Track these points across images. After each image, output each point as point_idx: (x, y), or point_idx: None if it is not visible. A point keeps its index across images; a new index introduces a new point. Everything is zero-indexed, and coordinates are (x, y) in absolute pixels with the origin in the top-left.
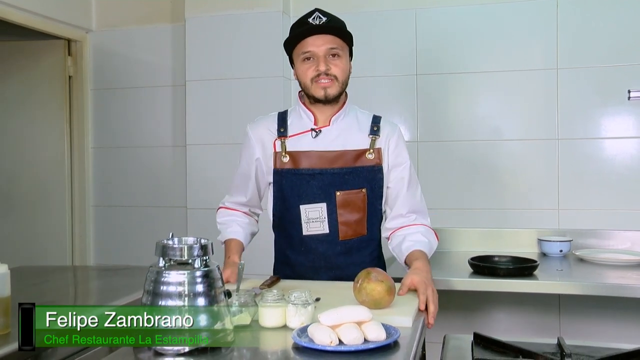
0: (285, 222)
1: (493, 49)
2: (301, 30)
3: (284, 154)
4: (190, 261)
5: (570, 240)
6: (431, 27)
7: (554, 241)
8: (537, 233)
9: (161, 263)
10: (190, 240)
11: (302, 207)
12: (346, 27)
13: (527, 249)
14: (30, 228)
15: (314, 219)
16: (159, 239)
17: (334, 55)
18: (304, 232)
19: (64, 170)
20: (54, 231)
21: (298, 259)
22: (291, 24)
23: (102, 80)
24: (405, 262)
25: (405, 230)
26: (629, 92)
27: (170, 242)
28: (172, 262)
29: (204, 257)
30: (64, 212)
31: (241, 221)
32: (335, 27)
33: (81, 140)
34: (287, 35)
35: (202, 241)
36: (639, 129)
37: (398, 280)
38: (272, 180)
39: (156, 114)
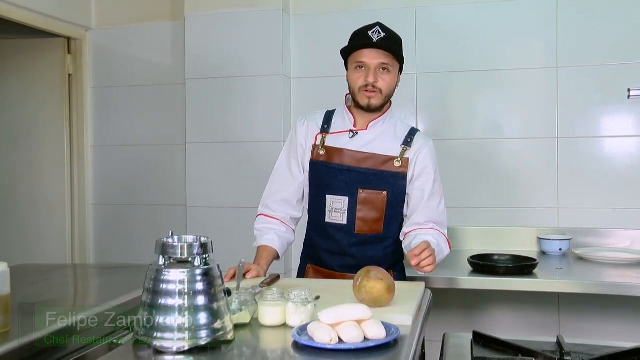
0: (314, 207)
1: (493, 47)
2: (359, 43)
3: (321, 147)
4: (190, 259)
5: (569, 239)
6: (431, 25)
7: (553, 240)
8: (537, 231)
9: (161, 261)
10: (190, 238)
11: (328, 197)
12: (402, 45)
13: (526, 248)
14: (30, 226)
15: (336, 209)
16: (158, 237)
17: (384, 69)
18: (326, 219)
19: (63, 168)
20: (54, 229)
21: (319, 242)
22: (291, 23)
23: (102, 79)
24: None
25: (417, 232)
26: (629, 90)
27: (170, 240)
28: (172, 261)
29: (204, 256)
30: (63, 211)
31: (278, 229)
32: (390, 45)
33: (81, 139)
34: (287, 33)
35: (202, 239)
36: (638, 128)
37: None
38: (308, 170)
39: (156, 112)
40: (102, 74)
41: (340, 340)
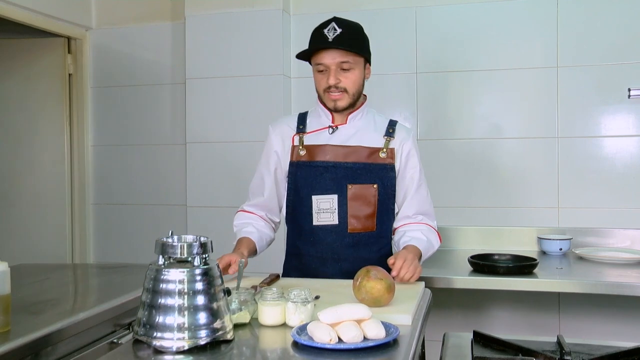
0: (297, 212)
1: (493, 47)
2: (315, 46)
3: (301, 147)
4: (189, 259)
5: (570, 239)
6: (431, 25)
7: (553, 239)
8: (537, 231)
9: (161, 261)
10: (190, 238)
11: (314, 198)
12: (362, 36)
13: (527, 247)
14: (30, 226)
15: (324, 209)
16: (158, 237)
17: (345, 69)
18: (314, 222)
19: (64, 168)
20: (54, 229)
21: (307, 249)
22: (291, 23)
23: (102, 78)
24: None
25: (407, 227)
26: (629, 90)
27: (169, 240)
28: (171, 260)
29: (204, 255)
30: (63, 210)
31: (257, 224)
32: (347, 41)
33: (81, 138)
34: (287, 33)
35: (202, 239)
36: (638, 128)
37: None
38: (288, 173)
39: (156, 111)
40: (102, 73)
41: (340, 340)
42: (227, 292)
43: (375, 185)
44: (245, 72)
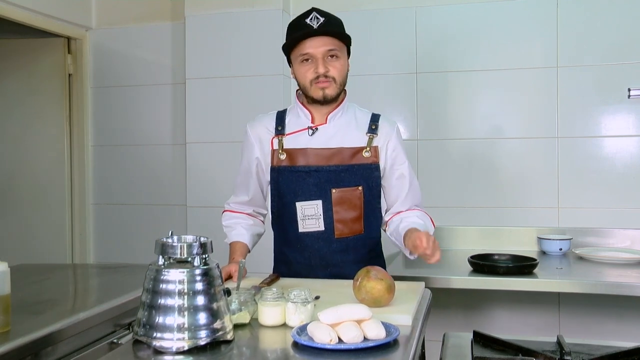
0: (283, 219)
1: (493, 47)
2: (300, 33)
3: (280, 151)
4: (189, 259)
5: (570, 239)
6: (431, 25)
7: (553, 239)
8: (537, 231)
9: (161, 261)
10: (190, 238)
11: (298, 204)
12: (344, 27)
13: (526, 247)
14: (30, 226)
15: (309, 216)
16: (158, 237)
17: (332, 56)
18: (300, 229)
19: (63, 168)
20: (54, 229)
21: (295, 256)
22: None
23: (102, 78)
24: (404, 242)
25: (401, 215)
26: (629, 90)
27: (169, 240)
28: (171, 260)
29: (204, 255)
30: (63, 210)
31: (245, 223)
32: (333, 30)
33: (81, 138)
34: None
35: (202, 239)
36: (638, 127)
37: (398, 278)
38: (270, 178)
39: (156, 112)
40: (102, 73)
41: (340, 341)
42: (227, 292)
43: (360, 188)
44: (245, 72)
